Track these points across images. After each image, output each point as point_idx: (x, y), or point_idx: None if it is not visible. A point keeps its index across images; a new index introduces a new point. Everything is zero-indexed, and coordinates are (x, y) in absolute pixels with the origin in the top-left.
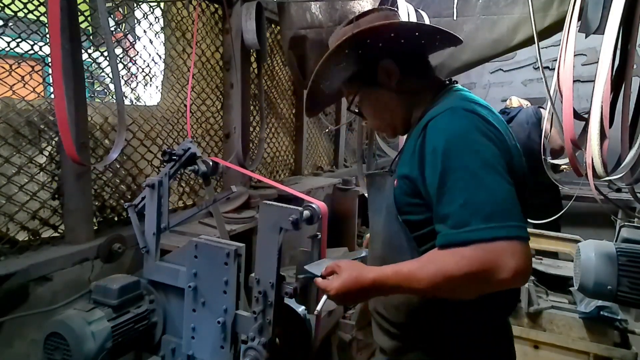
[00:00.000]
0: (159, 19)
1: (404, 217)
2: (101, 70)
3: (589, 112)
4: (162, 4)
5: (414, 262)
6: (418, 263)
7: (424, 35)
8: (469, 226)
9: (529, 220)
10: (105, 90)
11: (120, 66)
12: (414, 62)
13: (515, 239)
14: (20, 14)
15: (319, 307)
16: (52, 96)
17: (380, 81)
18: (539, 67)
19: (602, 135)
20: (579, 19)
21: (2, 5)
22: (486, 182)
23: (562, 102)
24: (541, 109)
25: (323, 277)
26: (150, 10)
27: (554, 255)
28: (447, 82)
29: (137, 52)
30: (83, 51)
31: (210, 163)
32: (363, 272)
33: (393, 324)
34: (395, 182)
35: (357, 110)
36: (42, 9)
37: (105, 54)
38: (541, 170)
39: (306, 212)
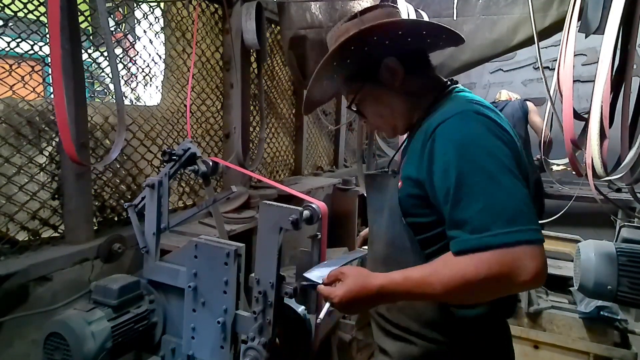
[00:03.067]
0: (159, 19)
1: (408, 219)
2: (101, 70)
3: (589, 112)
4: (162, 4)
5: (425, 268)
6: (430, 268)
7: (430, 34)
8: (490, 231)
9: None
10: (105, 90)
11: (120, 66)
12: (417, 61)
13: (536, 243)
14: (20, 14)
15: (321, 316)
16: (52, 96)
17: (384, 80)
18: (539, 67)
19: (602, 135)
20: (579, 19)
21: (2, 5)
22: (504, 185)
23: (562, 102)
24: (527, 102)
25: (325, 284)
26: (150, 10)
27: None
28: (449, 82)
29: (137, 52)
30: (83, 51)
31: (210, 163)
32: (370, 279)
33: (397, 326)
34: (400, 183)
35: (355, 109)
36: (42, 9)
37: (105, 54)
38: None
39: (306, 212)
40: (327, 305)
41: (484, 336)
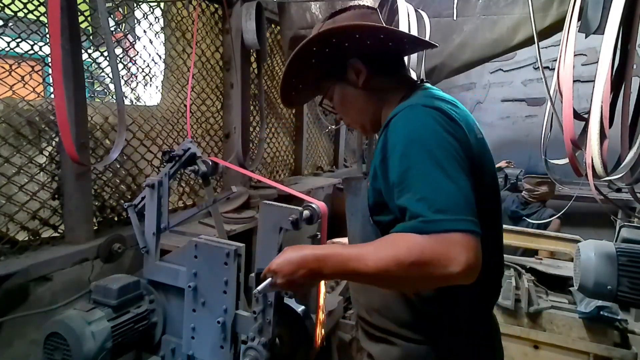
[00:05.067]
0: (159, 19)
1: (376, 217)
2: (101, 70)
3: (589, 112)
4: (162, 4)
5: (365, 245)
6: (369, 246)
7: (390, 39)
8: (424, 217)
9: (528, 219)
10: (105, 90)
11: (120, 66)
12: (384, 62)
13: (468, 233)
14: (20, 14)
15: (259, 288)
16: (52, 96)
17: (349, 79)
18: (539, 67)
19: (602, 135)
20: (579, 19)
21: (2, 5)
22: (441, 177)
23: (562, 102)
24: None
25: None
26: (150, 10)
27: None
28: (420, 81)
29: (137, 52)
30: (83, 51)
31: (210, 163)
32: (309, 249)
33: (377, 328)
34: (368, 183)
35: (331, 107)
36: (42, 9)
37: (105, 54)
38: None
39: (306, 212)
40: (269, 279)
41: (461, 333)
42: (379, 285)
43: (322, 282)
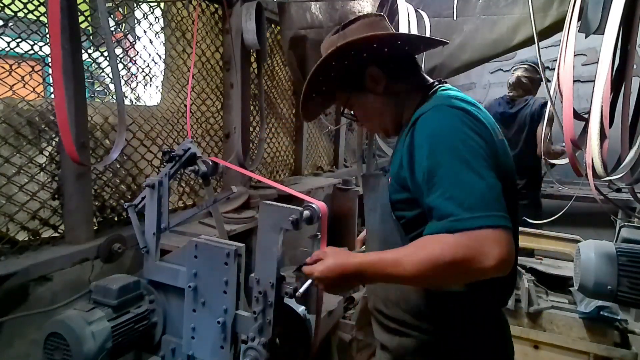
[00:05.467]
0: (159, 19)
1: (397, 213)
2: (101, 70)
3: (589, 112)
4: (162, 4)
5: (400, 250)
6: (404, 251)
7: (407, 43)
8: (454, 216)
9: (528, 219)
10: (105, 90)
11: (120, 66)
12: (400, 65)
13: (499, 228)
14: (20, 14)
15: (301, 290)
16: (52, 96)
17: (368, 87)
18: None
19: (602, 135)
20: (579, 19)
21: (2, 5)
22: (470, 175)
23: (562, 102)
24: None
25: (309, 264)
26: (150, 10)
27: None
28: (437, 82)
29: (137, 52)
30: (83, 51)
31: (210, 163)
32: (349, 258)
33: (394, 320)
34: (389, 180)
35: (351, 114)
36: (42, 9)
37: (105, 54)
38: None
39: (306, 212)
40: (309, 281)
41: (476, 325)
42: (418, 286)
43: None
